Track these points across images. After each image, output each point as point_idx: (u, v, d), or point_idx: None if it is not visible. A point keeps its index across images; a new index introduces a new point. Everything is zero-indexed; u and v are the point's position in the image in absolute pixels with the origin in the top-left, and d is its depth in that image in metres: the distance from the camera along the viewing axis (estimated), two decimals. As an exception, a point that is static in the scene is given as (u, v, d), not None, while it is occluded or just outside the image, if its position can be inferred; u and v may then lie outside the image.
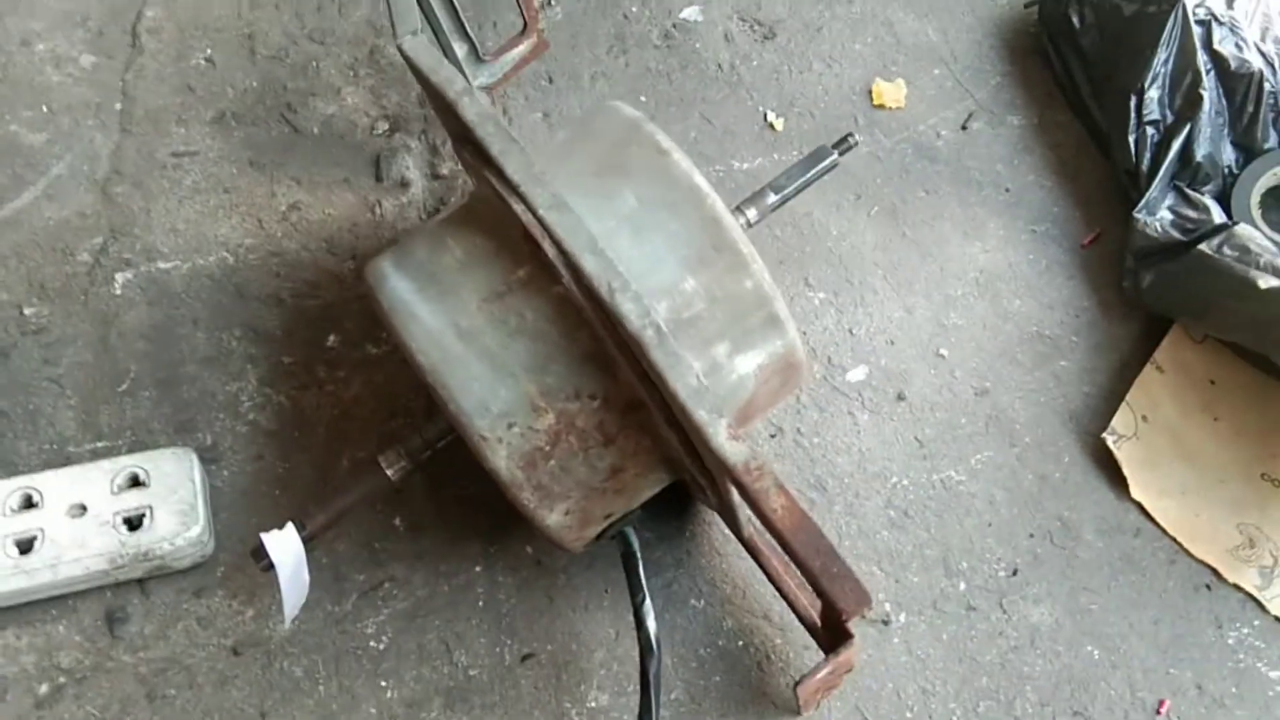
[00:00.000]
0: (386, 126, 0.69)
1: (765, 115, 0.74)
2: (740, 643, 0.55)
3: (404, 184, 0.67)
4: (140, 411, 0.57)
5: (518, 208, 0.42)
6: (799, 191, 0.53)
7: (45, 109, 0.66)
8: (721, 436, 0.39)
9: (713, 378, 0.45)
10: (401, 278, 0.46)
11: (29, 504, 0.51)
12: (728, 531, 0.58)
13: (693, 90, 0.74)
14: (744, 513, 0.48)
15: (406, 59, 0.47)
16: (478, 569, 0.55)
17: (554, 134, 0.58)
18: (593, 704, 0.52)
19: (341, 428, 0.58)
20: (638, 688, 0.53)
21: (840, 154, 0.54)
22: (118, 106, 0.67)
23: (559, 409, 0.44)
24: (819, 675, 0.43)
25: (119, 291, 0.61)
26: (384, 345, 0.61)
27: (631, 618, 0.54)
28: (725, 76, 0.75)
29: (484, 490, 0.57)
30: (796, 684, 0.46)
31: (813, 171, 0.53)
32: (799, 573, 0.39)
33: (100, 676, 0.50)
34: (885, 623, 0.56)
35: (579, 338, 0.43)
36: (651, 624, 0.48)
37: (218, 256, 0.63)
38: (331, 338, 0.61)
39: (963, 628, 0.57)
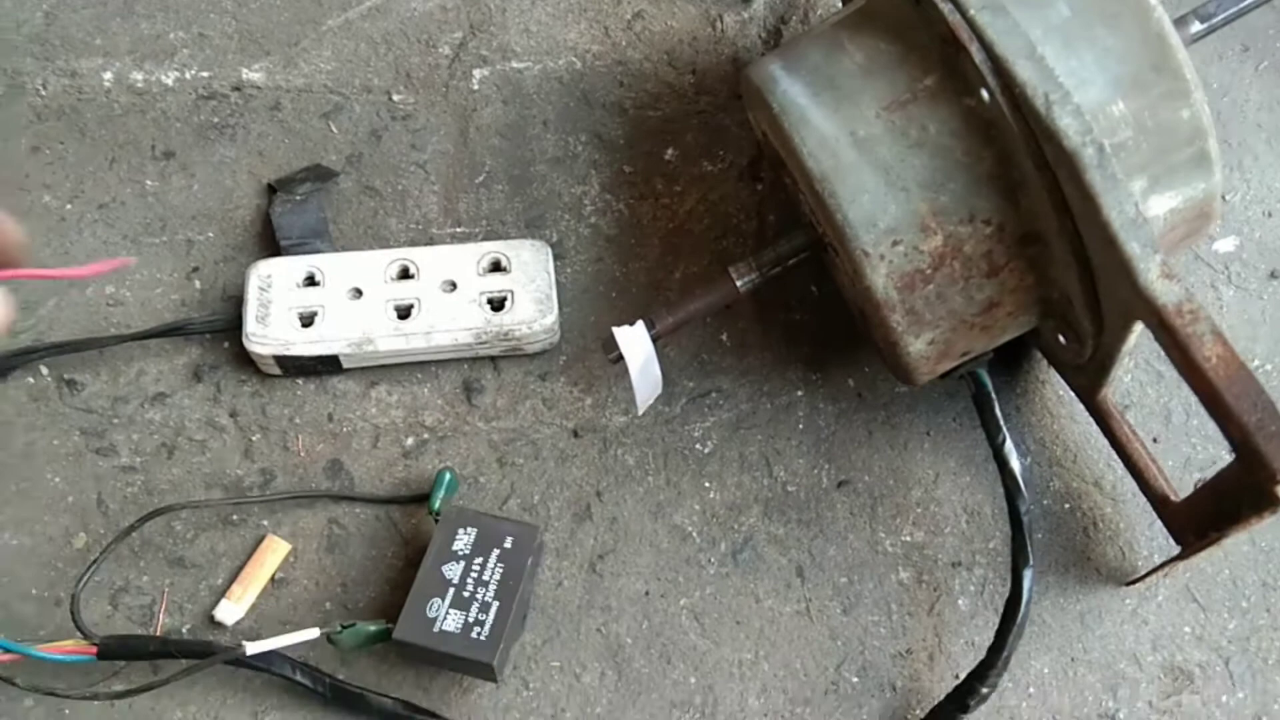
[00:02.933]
0: (731, -61, 0.67)
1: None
2: (1066, 505, 0.53)
3: None
4: (495, 204, 0.60)
5: (944, 7, 0.40)
6: (1231, 21, 0.47)
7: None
8: (1154, 273, 0.36)
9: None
10: (794, 81, 0.44)
11: (406, 275, 0.55)
12: (1062, 392, 0.55)
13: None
14: (1118, 370, 0.45)
15: None
16: (799, 393, 0.56)
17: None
18: (907, 539, 0.52)
19: (675, 241, 0.59)
20: (955, 531, 0.53)
21: (1289, -19, 0.47)
22: (474, -96, 0.68)
23: (949, 231, 0.42)
24: (1218, 535, 0.41)
25: (476, 87, 0.63)
26: (720, 163, 0.61)
27: (954, 463, 0.54)
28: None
29: (810, 318, 0.58)
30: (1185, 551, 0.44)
31: None
32: (1222, 429, 0.36)
33: (458, 438, 0.54)
34: (1230, 508, 0.52)
35: (984, 156, 0.41)
36: (1015, 464, 0.47)
37: (566, 60, 0.64)
38: (670, 151, 0.61)
39: (1317, 528, 0.52)
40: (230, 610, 0.49)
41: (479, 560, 0.46)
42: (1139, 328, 0.40)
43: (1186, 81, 0.40)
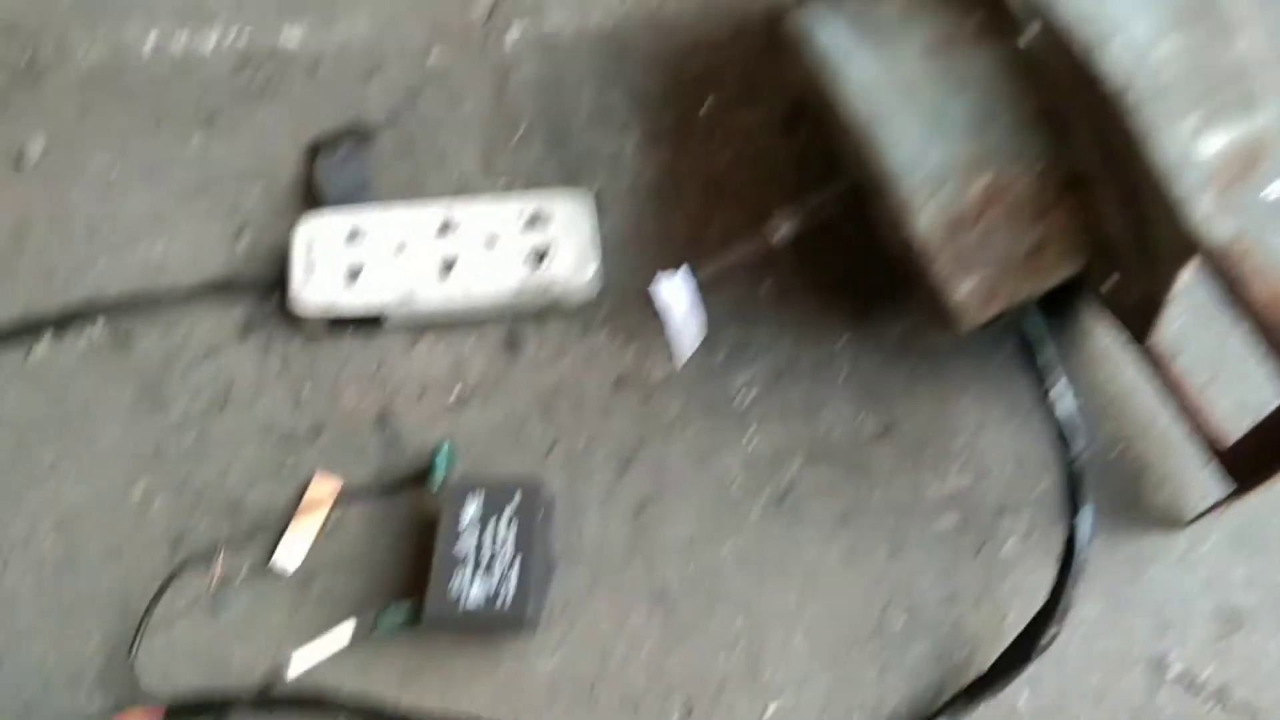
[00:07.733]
0: (766, -115, 0.66)
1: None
2: (1115, 451, 0.53)
3: (782, -52, 0.65)
4: (532, 160, 0.60)
5: (988, -55, 0.39)
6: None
7: None
8: (1202, 213, 0.35)
9: (1169, 155, 0.41)
10: (833, 27, 0.44)
11: (448, 228, 0.56)
12: (1109, 340, 0.55)
13: None
14: (1168, 313, 0.45)
15: None
16: (841, 342, 0.56)
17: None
18: (952, 485, 0.53)
19: (714, 192, 0.59)
20: (1000, 476, 0.53)
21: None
22: None
23: (993, 175, 0.42)
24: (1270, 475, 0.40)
25: (511, 45, 0.63)
26: (758, 112, 0.61)
27: (999, 410, 0.54)
28: None
29: (852, 267, 0.57)
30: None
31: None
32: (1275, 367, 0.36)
33: (502, 390, 0.55)
34: None
35: (1029, 98, 0.41)
36: (1066, 408, 0.46)
37: (601, 14, 0.63)
38: (707, 102, 0.61)
39: (1371, 471, 0.52)
40: (289, 555, 0.51)
41: (491, 522, 0.47)
42: (1190, 269, 0.39)
43: (1234, 18, 0.39)
